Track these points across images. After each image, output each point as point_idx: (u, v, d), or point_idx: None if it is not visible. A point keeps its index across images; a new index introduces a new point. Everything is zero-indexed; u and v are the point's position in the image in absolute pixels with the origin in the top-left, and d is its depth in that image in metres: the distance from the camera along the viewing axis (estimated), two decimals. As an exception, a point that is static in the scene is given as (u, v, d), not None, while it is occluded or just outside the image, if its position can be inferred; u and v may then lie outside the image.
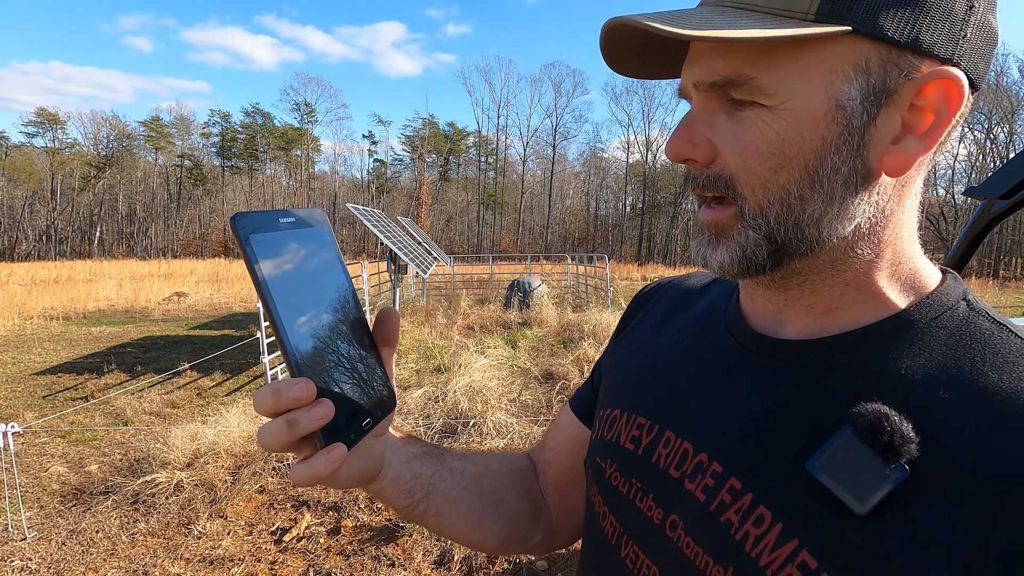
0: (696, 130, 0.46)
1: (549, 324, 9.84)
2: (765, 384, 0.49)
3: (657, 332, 0.65)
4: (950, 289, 0.47)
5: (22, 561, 3.21)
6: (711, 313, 0.60)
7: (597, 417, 0.65)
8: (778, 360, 0.49)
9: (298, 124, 61.32)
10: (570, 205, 61.35)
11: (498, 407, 5.08)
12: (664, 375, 0.58)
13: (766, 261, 0.46)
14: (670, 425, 0.54)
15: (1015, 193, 1.34)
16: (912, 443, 0.38)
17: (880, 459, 0.38)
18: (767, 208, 0.44)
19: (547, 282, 14.28)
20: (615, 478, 0.57)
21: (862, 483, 0.39)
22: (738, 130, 0.44)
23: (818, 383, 0.46)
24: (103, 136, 55.86)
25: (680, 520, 0.49)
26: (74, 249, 51.85)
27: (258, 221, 0.43)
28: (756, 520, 0.43)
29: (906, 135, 0.42)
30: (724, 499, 0.46)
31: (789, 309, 0.50)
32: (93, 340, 9.77)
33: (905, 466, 0.38)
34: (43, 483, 4.18)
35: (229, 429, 4.34)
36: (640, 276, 26.37)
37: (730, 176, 0.45)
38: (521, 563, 3.10)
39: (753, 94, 0.42)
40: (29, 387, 6.82)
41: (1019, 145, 38.91)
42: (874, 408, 0.39)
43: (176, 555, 3.21)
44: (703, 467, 0.49)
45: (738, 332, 0.54)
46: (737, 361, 0.52)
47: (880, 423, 0.38)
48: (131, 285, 18.25)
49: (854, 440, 0.39)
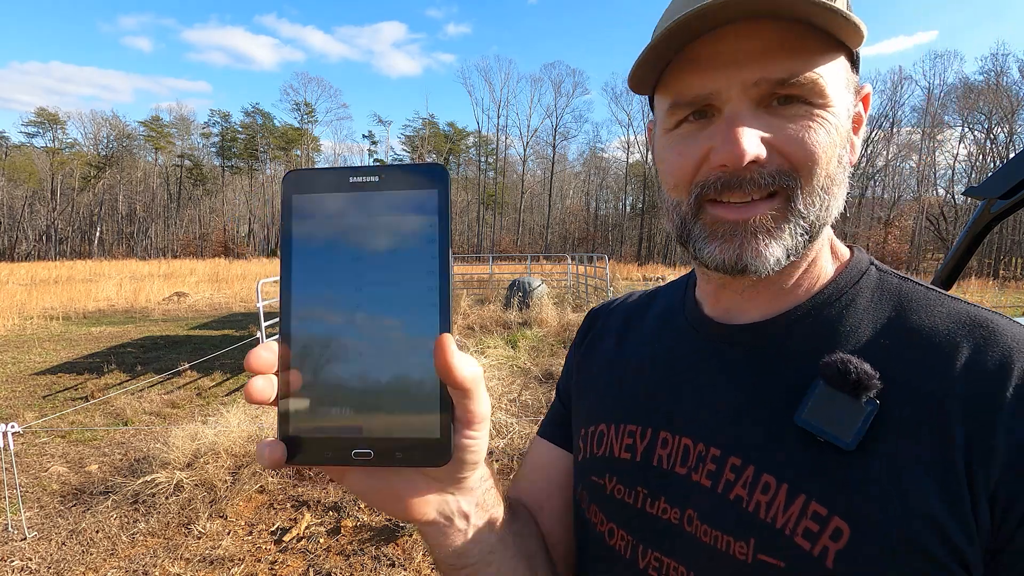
0: (755, 131, 0.48)
1: (549, 324, 9.84)
2: (739, 368, 0.53)
3: (620, 346, 0.67)
4: (860, 257, 0.57)
5: (22, 561, 3.21)
6: (669, 317, 0.64)
7: (579, 438, 0.64)
8: (746, 344, 0.54)
9: (298, 124, 61.37)
10: (570, 205, 61.33)
11: (498, 407, 5.08)
12: (642, 382, 0.60)
13: (801, 250, 0.50)
14: (662, 426, 0.56)
15: (1015, 193, 1.34)
16: (874, 377, 0.45)
17: (852, 397, 0.45)
18: (816, 198, 0.49)
19: (547, 282, 14.27)
20: (618, 491, 0.57)
21: (844, 421, 0.44)
22: (797, 127, 0.48)
23: (784, 354, 0.52)
24: (103, 136, 55.87)
25: (695, 512, 0.50)
26: (74, 249, 51.84)
27: (312, 179, 0.38)
28: (763, 488, 0.46)
29: (853, 134, 0.54)
30: (729, 478, 0.49)
31: (760, 296, 0.55)
32: (93, 340, 9.77)
33: (875, 399, 0.45)
34: (43, 483, 4.18)
35: (229, 429, 4.34)
36: (640, 276, 26.35)
37: (791, 169, 0.48)
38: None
39: (811, 94, 0.47)
40: (29, 387, 6.82)
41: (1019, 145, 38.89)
42: (836, 357, 0.46)
43: (176, 555, 3.21)
44: (704, 456, 0.51)
45: (702, 326, 0.58)
46: (709, 353, 0.56)
47: (845, 367, 0.45)
48: (131, 285, 18.25)
49: (827, 389, 0.46)
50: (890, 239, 40.39)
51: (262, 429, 4.39)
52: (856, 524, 0.43)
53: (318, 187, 0.37)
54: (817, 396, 0.46)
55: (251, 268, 29.61)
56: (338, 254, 0.37)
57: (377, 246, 0.37)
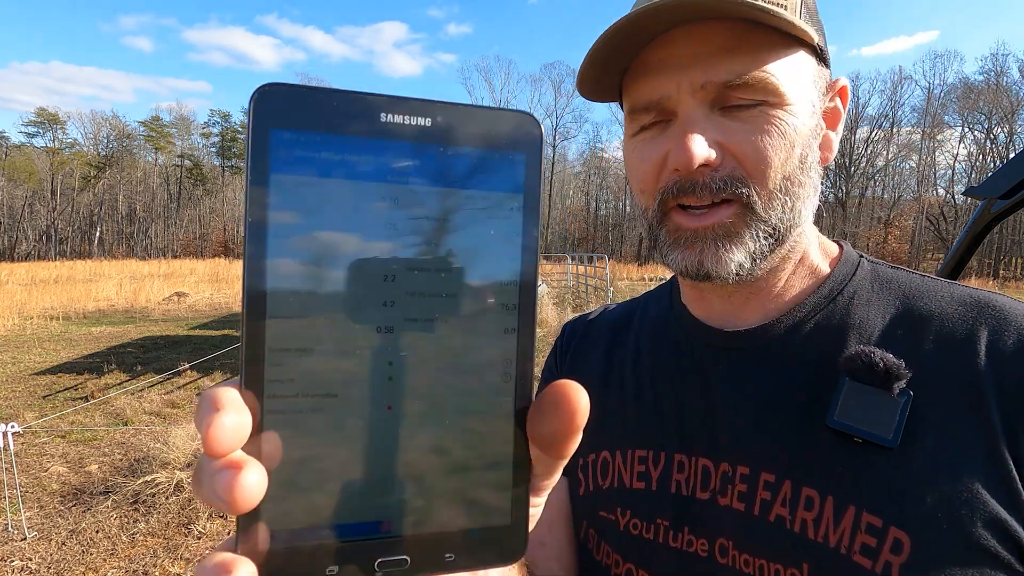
0: (707, 134, 0.46)
1: (549, 324, 9.84)
2: (749, 375, 0.50)
3: (610, 363, 0.61)
4: (849, 251, 0.55)
5: (22, 561, 3.21)
6: (662, 327, 0.59)
7: (577, 468, 0.58)
8: (752, 350, 0.51)
9: (298, 124, 61.25)
10: (570, 205, 61.36)
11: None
12: (646, 400, 0.55)
13: (767, 253, 0.49)
14: (676, 448, 0.51)
15: (1015, 193, 1.34)
16: (902, 367, 0.42)
17: (884, 390, 0.42)
18: (775, 200, 0.47)
19: (547, 282, 14.27)
20: (635, 526, 0.52)
21: (881, 417, 0.42)
22: (749, 128, 0.46)
23: (798, 356, 0.49)
24: (103, 136, 55.89)
25: (728, 541, 0.45)
26: (74, 249, 51.86)
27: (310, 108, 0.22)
28: (806, 503, 0.42)
29: (826, 129, 0.52)
30: (764, 497, 0.45)
31: (752, 300, 0.53)
32: (93, 340, 9.77)
33: (908, 390, 0.42)
34: (43, 483, 4.18)
35: (229, 429, 4.34)
36: (640, 276, 26.35)
37: (744, 174, 0.47)
38: (522, 563, 3.09)
39: (765, 93, 0.46)
40: (29, 387, 6.82)
41: (1019, 145, 38.89)
42: (858, 350, 0.44)
43: (176, 555, 3.21)
44: (730, 476, 0.46)
45: (700, 334, 0.55)
46: (712, 362, 0.53)
47: (870, 358, 0.43)
48: (131, 285, 18.26)
49: (855, 384, 0.43)
50: (890, 239, 40.42)
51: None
52: (917, 533, 0.39)
53: (319, 124, 0.22)
54: (847, 394, 0.43)
55: (251, 268, 29.48)
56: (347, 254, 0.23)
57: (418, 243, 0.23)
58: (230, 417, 0.20)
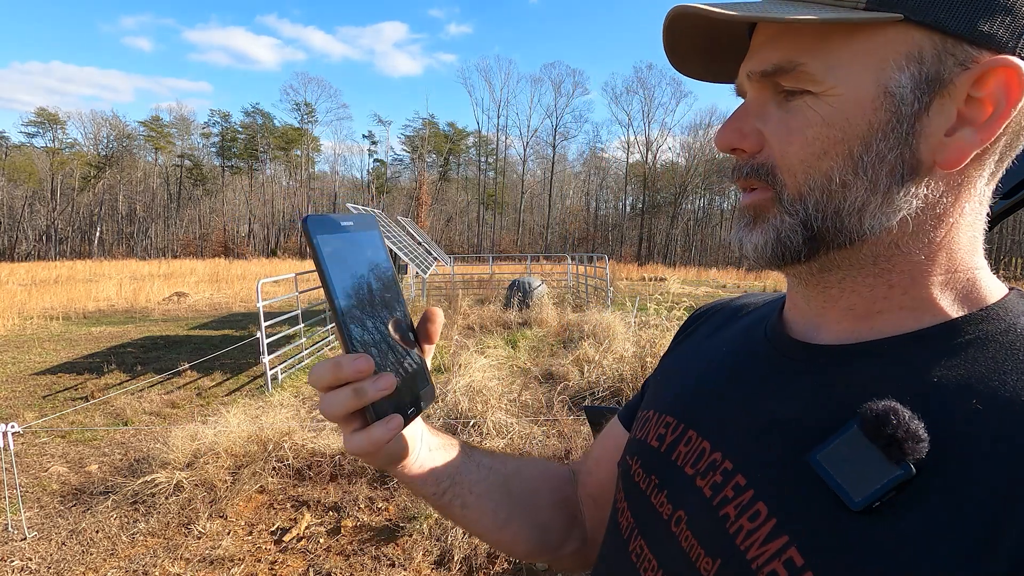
0: (746, 120, 0.47)
1: (549, 324, 9.84)
2: (791, 388, 0.48)
3: (703, 344, 0.65)
4: (1012, 303, 0.43)
5: (22, 561, 3.21)
6: (756, 324, 0.59)
7: (635, 419, 0.66)
8: (808, 364, 0.48)
9: (298, 124, 61.36)
10: (570, 205, 61.35)
11: (498, 407, 5.08)
12: (699, 380, 0.59)
13: (801, 248, 0.45)
14: (694, 425, 0.54)
15: (1015, 193, 1.34)
16: (920, 442, 0.36)
17: (884, 456, 0.37)
18: (807, 195, 0.44)
19: (547, 282, 14.28)
20: (637, 474, 0.57)
21: (861, 478, 0.37)
22: (787, 118, 0.44)
23: (841, 385, 0.44)
24: (103, 136, 55.88)
25: (685, 515, 0.49)
26: (74, 249, 51.84)
27: (324, 223, 0.48)
28: (752, 515, 0.43)
29: (961, 127, 0.41)
30: (727, 495, 0.46)
31: (828, 311, 0.49)
32: (93, 340, 9.77)
33: (911, 466, 0.36)
34: (43, 483, 4.18)
35: (229, 429, 4.34)
36: (640, 276, 26.37)
37: (772, 164, 0.45)
38: (521, 563, 3.09)
39: (802, 81, 0.43)
40: (29, 387, 6.82)
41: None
42: (884, 404, 0.38)
43: (176, 555, 3.21)
44: (716, 465, 0.49)
45: (775, 339, 0.53)
46: (770, 367, 0.51)
47: (886, 417, 0.37)
48: (131, 285, 18.25)
49: (859, 435, 0.38)
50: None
51: (262, 429, 4.38)
52: None
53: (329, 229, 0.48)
54: (844, 440, 0.39)
55: (251, 268, 29.62)
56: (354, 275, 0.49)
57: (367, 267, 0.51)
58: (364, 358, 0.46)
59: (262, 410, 5.19)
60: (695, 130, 54.84)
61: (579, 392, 5.97)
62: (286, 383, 6.70)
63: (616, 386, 5.84)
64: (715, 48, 0.50)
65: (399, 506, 3.69)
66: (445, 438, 0.67)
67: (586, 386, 6.04)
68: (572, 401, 5.68)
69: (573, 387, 6.08)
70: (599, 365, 6.36)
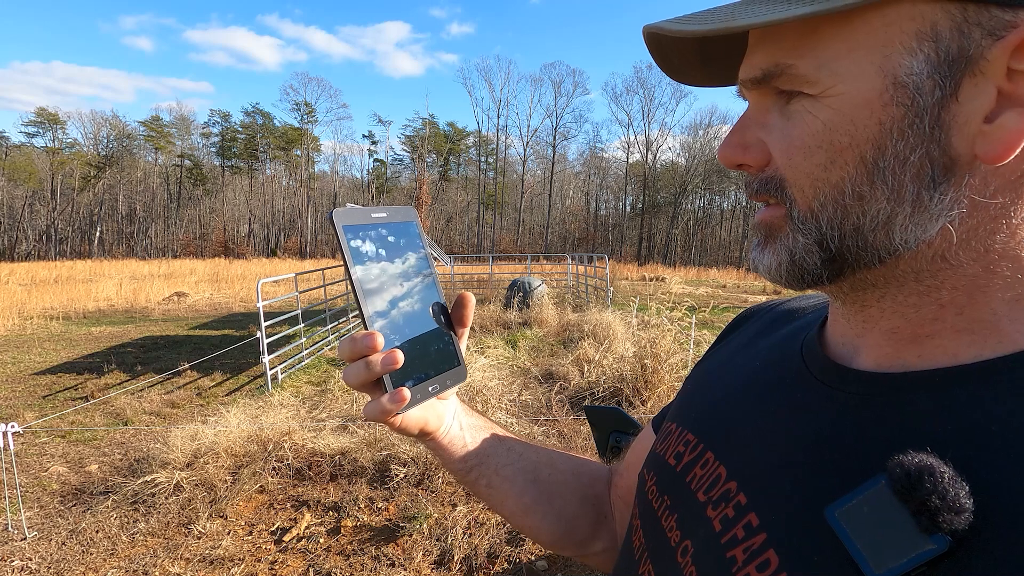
0: (748, 132, 0.42)
1: (549, 324, 9.84)
2: (821, 417, 0.41)
3: (738, 353, 0.59)
4: None
5: (22, 561, 3.21)
6: (794, 336, 0.53)
7: (661, 429, 0.63)
8: (844, 393, 0.41)
9: (298, 124, 61.37)
10: (570, 205, 61.38)
11: (498, 407, 5.08)
12: (726, 396, 0.54)
13: (820, 270, 0.40)
14: (712, 446, 0.50)
15: None
16: (962, 513, 0.29)
17: (915, 522, 0.30)
18: (819, 211, 0.38)
19: (547, 282, 14.28)
20: (652, 492, 0.54)
21: (885, 546, 0.31)
22: (787, 126, 0.39)
23: (874, 423, 0.37)
24: (103, 136, 55.89)
25: (692, 547, 0.45)
26: (74, 249, 51.86)
27: (350, 215, 0.51)
28: (761, 564, 0.38)
29: (1005, 109, 0.33)
30: (737, 534, 0.41)
31: (868, 333, 0.42)
32: (93, 340, 9.77)
33: (948, 538, 0.29)
34: (43, 483, 4.18)
35: (229, 429, 4.34)
36: (640, 276, 26.37)
37: (781, 177, 0.40)
38: (521, 563, 3.10)
39: (796, 83, 0.38)
40: (29, 387, 6.82)
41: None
42: (921, 459, 0.31)
43: (176, 555, 3.21)
44: (729, 496, 0.44)
45: (810, 358, 0.47)
46: (801, 389, 0.45)
47: (920, 477, 0.30)
48: (131, 285, 18.26)
49: (887, 493, 0.31)
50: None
51: (262, 429, 4.39)
52: None
53: (355, 220, 0.52)
54: (868, 497, 0.33)
55: (251, 268, 29.61)
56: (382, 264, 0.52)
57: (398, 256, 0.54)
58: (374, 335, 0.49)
59: (262, 410, 5.18)
60: (695, 130, 54.90)
61: (579, 392, 5.97)
62: (286, 383, 6.70)
63: (616, 386, 5.83)
64: (712, 52, 0.46)
65: (399, 506, 3.69)
66: (482, 420, 0.69)
67: (586, 386, 6.03)
68: (572, 401, 5.69)
69: (573, 387, 6.08)
70: (599, 365, 6.36)
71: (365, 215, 0.52)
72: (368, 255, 0.52)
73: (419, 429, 0.60)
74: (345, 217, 0.51)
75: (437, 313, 0.56)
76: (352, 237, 0.51)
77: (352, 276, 0.50)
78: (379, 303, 0.52)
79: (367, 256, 0.51)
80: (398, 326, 0.52)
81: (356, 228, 0.51)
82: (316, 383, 6.78)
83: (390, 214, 0.55)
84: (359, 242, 0.51)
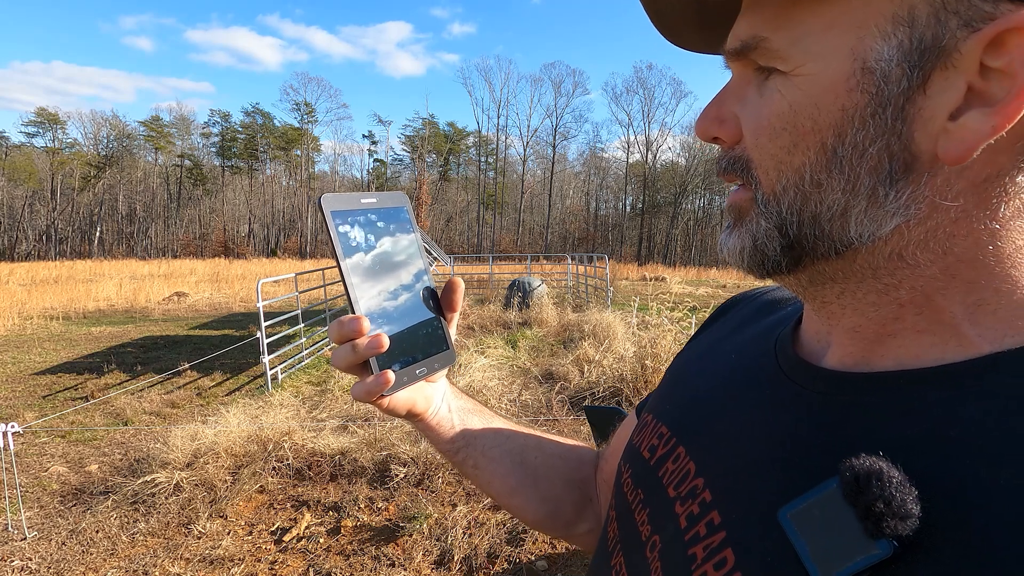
0: (725, 105, 0.41)
1: (549, 324, 9.84)
2: (787, 416, 0.41)
3: (718, 344, 0.59)
4: None
5: (22, 561, 3.21)
6: (771, 330, 0.52)
7: (639, 420, 0.63)
8: (810, 392, 0.41)
9: (298, 124, 61.39)
10: (570, 205, 61.39)
11: (498, 407, 5.08)
12: (701, 389, 0.54)
13: (780, 257, 0.39)
14: (685, 441, 0.50)
15: None
16: (907, 519, 0.29)
17: (861, 526, 0.30)
18: (780, 195, 0.37)
19: (547, 282, 14.29)
20: (627, 484, 0.55)
21: (832, 549, 0.31)
22: (760, 103, 0.38)
23: (842, 425, 0.37)
24: (103, 136, 55.90)
25: (659, 543, 0.45)
26: (74, 249, 51.87)
27: (339, 200, 0.51)
28: (718, 563, 0.38)
29: (971, 107, 0.31)
30: (699, 531, 0.41)
31: (833, 331, 0.42)
32: (93, 340, 9.77)
33: (894, 543, 0.29)
34: (43, 483, 4.18)
35: (229, 429, 4.34)
36: (640, 276, 26.37)
37: (747, 158, 0.39)
38: (521, 563, 3.10)
39: (770, 59, 0.36)
40: (29, 387, 6.82)
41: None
42: (872, 462, 0.30)
43: (176, 555, 3.21)
44: (696, 492, 0.44)
45: (782, 355, 0.47)
46: (772, 386, 0.45)
47: (868, 481, 0.30)
48: (131, 285, 18.26)
49: (838, 496, 0.31)
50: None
51: (262, 429, 4.39)
52: None
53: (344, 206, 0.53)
54: (820, 499, 0.33)
55: (251, 268, 29.62)
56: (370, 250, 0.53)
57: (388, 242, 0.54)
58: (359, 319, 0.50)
59: (262, 410, 5.18)
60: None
61: (579, 392, 5.97)
62: (286, 383, 6.70)
63: (616, 386, 5.83)
64: (708, 14, 0.43)
65: (399, 506, 3.69)
66: (471, 403, 0.71)
67: (586, 386, 6.04)
68: (572, 401, 5.69)
69: (573, 387, 6.08)
70: (599, 365, 6.36)
71: (354, 200, 0.52)
72: (356, 240, 0.52)
73: (407, 410, 0.61)
74: (333, 203, 0.51)
75: (426, 298, 0.57)
76: (340, 223, 0.51)
77: (340, 261, 0.50)
78: (367, 288, 0.52)
79: (355, 241, 0.52)
80: (386, 310, 0.53)
81: (345, 213, 0.51)
82: (316, 383, 6.78)
83: (380, 199, 0.55)
84: (347, 227, 0.51)
